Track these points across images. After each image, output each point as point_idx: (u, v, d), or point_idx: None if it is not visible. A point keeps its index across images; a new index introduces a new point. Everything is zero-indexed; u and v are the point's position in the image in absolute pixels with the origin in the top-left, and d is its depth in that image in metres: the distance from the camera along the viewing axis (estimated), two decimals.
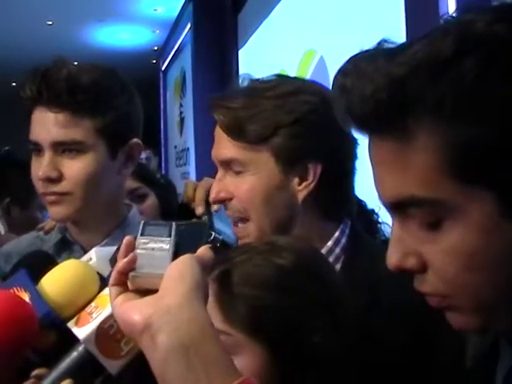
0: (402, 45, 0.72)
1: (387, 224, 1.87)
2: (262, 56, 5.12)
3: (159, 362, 0.75)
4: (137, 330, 0.77)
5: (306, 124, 1.24)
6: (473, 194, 0.68)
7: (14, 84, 11.70)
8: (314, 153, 1.25)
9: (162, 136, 9.19)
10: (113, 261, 1.05)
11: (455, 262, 0.71)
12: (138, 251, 0.85)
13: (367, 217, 1.85)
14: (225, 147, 1.27)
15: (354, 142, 1.30)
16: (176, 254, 0.85)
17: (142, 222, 0.90)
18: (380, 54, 0.71)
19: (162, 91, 9.32)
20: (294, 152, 1.24)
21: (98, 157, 1.42)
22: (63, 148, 1.40)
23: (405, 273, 0.75)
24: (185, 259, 0.83)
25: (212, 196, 1.30)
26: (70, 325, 0.97)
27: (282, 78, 1.35)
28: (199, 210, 1.60)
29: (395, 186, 0.72)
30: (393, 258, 0.75)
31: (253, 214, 1.26)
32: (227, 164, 1.28)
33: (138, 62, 9.93)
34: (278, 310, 0.94)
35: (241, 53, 5.79)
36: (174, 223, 0.90)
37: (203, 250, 0.87)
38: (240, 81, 1.36)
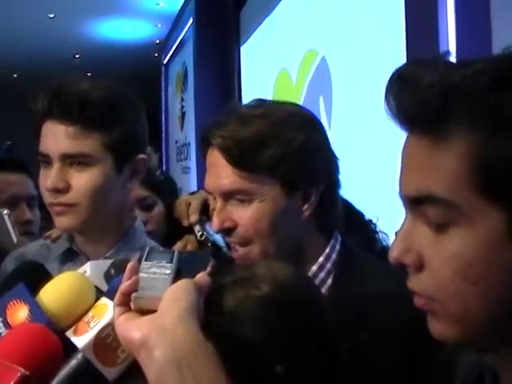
0: (466, 60, 0.77)
1: (385, 233, 1.90)
2: (263, 53, 5.12)
3: (155, 375, 0.83)
4: (135, 346, 0.85)
5: (306, 150, 1.26)
6: (486, 208, 0.71)
7: (15, 76, 11.73)
8: (315, 175, 1.28)
9: (163, 130, 9.20)
10: (107, 275, 1.08)
11: (452, 267, 0.74)
12: (141, 274, 0.92)
13: (365, 227, 1.88)
14: (226, 177, 1.26)
15: (335, 157, 1.36)
16: (176, 279, 0.91)
17: (147, 248, 0.97)
18: (441, 61, 0.78)
19: (163, 85, 9.33)
20: (298, 178, 1.27)
21: (105, 170, 1.45)
22: (71, 160, 1.44)
23: (402, 267, 0.78)
24: (182, 283, 0.90)
25: (215, 227, 1.30)
26: (69, 334, 1.00)
27: (267, 104, 1.34)
28: (192, 218, 1.62)
29: (418, 180, 0.76)
30: (395, 251, 0.78)
31: (257, 239, 1.27)
32: (229, 194, 1.27)
33: (139, 55, 9.93)
34: (243, 342, 0.93)
35: (242, 49, 5.79)
36: (176, 251, 0.97)
37: (201, 276, 0.93)
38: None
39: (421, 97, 0.73)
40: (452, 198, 0.72)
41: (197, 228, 1.57)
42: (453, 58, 0.80)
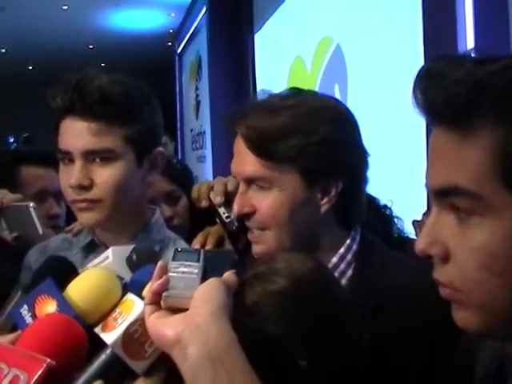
0: (491, 57, 0.78)
1: (400, 219, 1.90)
2: (277, 41, 5.11)
3: (190, 372, 0.85)
4: (169, 344, 0.87)
5: (329, 143, 1.27)
6: (511, 201, 0.74)
7: (30, 68, 11.77)
8: (336, 170, 1.29)
9: (178, 119, 9.21)
10: (129, 261, 1.11)
11: (477, 259, 0.76)
12: (171, 274, 0.95)
13: (380, 212, 1.88)
14: (249, 164, 1.30)
15: (366, 153, 1.36)
16: (204, 278, 0.95)
17: (174, 249, 1.00)
18: (468, 58, 0.79)
19: (177, 74, 9.34)
20: (318, 171, 1.28)
21: (127, 164, 1.47)
22: (94, 156, 1.45)
23: (428, 259, 0.81)
24: (212, 282, 0.92)
25: (235, 211, 1.34)
26: (97, 330, 1.02)
27: (299, 95, 1.36)
28: (218, 199, 1.63)
29: (445, 173, 0.78)
30: (421, 243, 0.80)
31: (274, 227, 1.30)
32: (251, 180, 1.31)
33: (153, 45, 9.95)
34: (264, 337, 0.94)
35: (256, 37, 5.78)
36: (202, 250, 1.01)
37: (228, 275, 0.95)
38: (258, 96, 1.38)
39: (448, 92, 0.75)
40: (478, 191, 0.74)
41: (222, 210, 1.60)
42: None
